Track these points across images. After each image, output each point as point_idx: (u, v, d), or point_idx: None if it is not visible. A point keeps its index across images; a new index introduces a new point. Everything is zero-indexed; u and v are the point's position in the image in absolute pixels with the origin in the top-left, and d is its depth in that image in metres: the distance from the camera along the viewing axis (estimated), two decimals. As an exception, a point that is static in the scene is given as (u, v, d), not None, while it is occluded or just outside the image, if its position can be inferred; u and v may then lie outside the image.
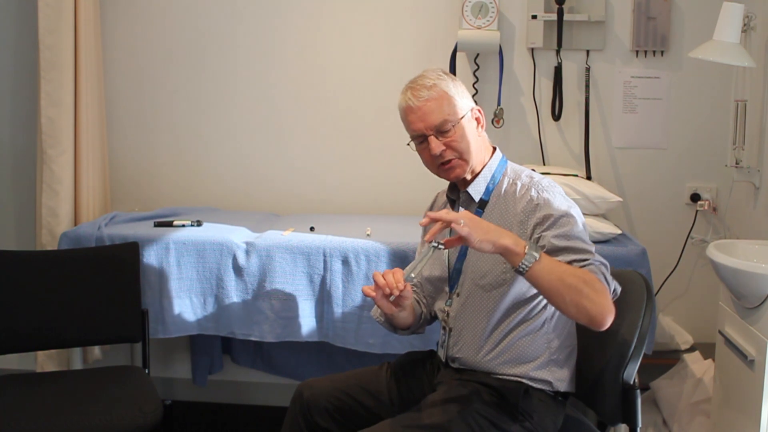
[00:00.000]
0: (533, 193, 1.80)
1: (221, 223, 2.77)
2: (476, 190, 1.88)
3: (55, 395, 2.24)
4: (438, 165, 1.85)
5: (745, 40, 2.72)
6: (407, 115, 1.85)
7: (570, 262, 1.66)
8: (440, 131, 1.81)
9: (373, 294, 1.78)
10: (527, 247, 1.60)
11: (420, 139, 1.85)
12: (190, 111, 3.20)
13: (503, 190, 1.87)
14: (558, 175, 2.76)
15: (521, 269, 1.61)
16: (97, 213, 3.01)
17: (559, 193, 1.81)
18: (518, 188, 1.84)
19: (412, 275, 1.72)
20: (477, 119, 1.89)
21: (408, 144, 1.90)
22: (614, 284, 1.68)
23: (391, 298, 1.77)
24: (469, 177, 1.89)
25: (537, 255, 1.60)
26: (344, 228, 2.72)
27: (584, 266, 1.66)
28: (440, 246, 1.69)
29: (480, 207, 1.88)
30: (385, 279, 1.75)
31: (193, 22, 3.16)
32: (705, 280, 3.03)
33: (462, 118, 1.83)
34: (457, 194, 1.94)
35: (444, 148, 1.82)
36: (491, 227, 1.64)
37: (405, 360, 2.04)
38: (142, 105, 3.22)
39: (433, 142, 1.82)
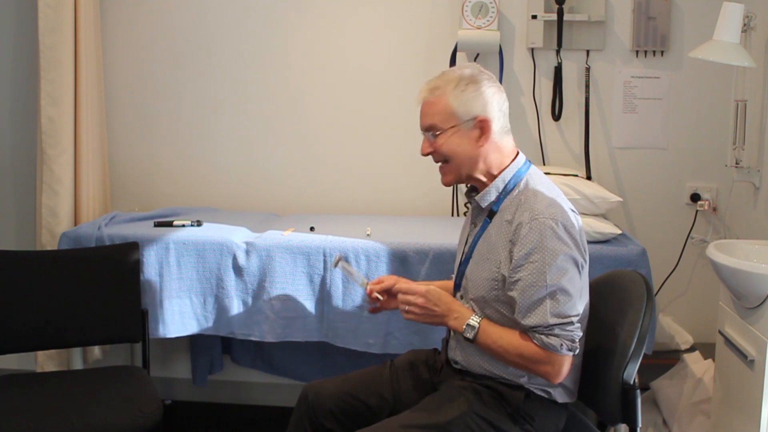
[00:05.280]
0: (525, 218, 1.73)
1: (221, 223, 2.77)
2: (485, 200, 1.85)
3: (55, 395, 2.24)
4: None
5: (745, 40, 2.72)
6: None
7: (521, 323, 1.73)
8: (429, 134, 1.83)
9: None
10: (464, 329, 1.78)
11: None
12: (190, 111, 3.20)
13: (510, 202, 1.81)
14: (558, 175, 2.76)
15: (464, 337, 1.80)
16: (97, 213, 3.01)
17: (551, 228, 1.70)
18: (520, 205, 1.78)
19: (359, 282, 2.02)
20: (481, 128, 1.81)
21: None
22: (565, 346, 1.69)
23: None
24: (485, 180, 1.85)
25: (470, 336, 1.78)
26: (344, 228, 2.72)
27: (531, 333, 1.71)
28: (338, 262, 2.02)
29: (489, 217, 1.85)
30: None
31: (193, 22, 3.16)
32: (705, 280, 3.03)
33: (453, 127, 1.80)
34: (472, 198, 1.91)
35: (432, 150, 1.84)
36: (441, 309, 1.79)
37: (408, 358, 2.04)
38: (142, 105, 3.22)
39: (424, 142, 1.85)
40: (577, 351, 1.73)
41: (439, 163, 1.86)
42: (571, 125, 3.07)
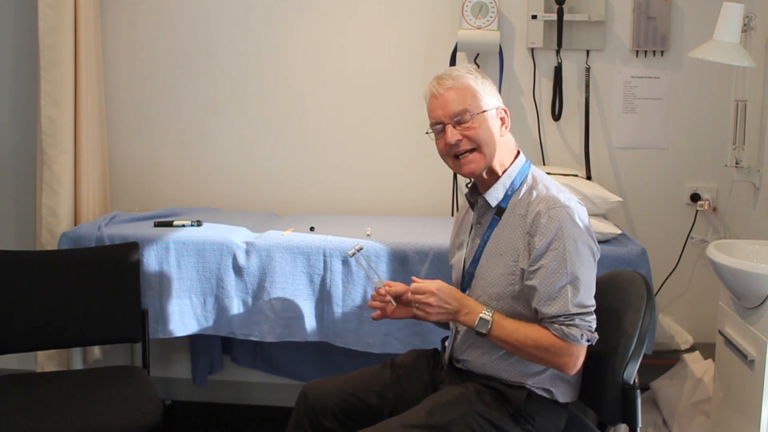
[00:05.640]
0: (542, 208, 1.75)
1: (221, 223, 2.77)
2: (494, 197, 1.85)
3: (55, 395, 2.24)
4: (453, 157, 1.82)
5: (745, 40, 2.72)
6: (429, 102, 1.84)
7: (536, 312, 1.74)
8: (459, 121, 1.79)
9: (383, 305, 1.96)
10: (476, 323, 1.74)
11: (439, 128, 1.83)
12: (190, 111, 3.20)
13: (520, 198, 1.82)
14: (558, 175, 2.76)
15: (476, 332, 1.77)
16: (97, 213, 3.01)
17: (569, 216, 1.73)
18: (532, 198, 1.79)
19: (375, 280, 1.99)
20: (502, 119, 1.85)
21: (427, 133, 1.87)
22: (585, 337, 1.70)
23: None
24: (486, 176, 1.85)
25: (484, 331, 1.74)
26: (344, 228, 2.72)
27: (550, 323, 1.70)
28: (356, 252, 2.05)
29: (497, 214, 1.85)
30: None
31: (193, 22, 3.16)
32: (705, 280, 3.03)
33: (484, 111, 1.80)
34: (476, 197, 1.91)
35: (460, 137, 1.79)
36: (453, 305, 1.75)
37: (408, 358, 2.04)
38: (142, 105, 3.22)
39: (449, 130, 1.80)
40: (595, 342, 1.73)
41: (459, 156, 1.81)
42: (571, 125, 3.07)
